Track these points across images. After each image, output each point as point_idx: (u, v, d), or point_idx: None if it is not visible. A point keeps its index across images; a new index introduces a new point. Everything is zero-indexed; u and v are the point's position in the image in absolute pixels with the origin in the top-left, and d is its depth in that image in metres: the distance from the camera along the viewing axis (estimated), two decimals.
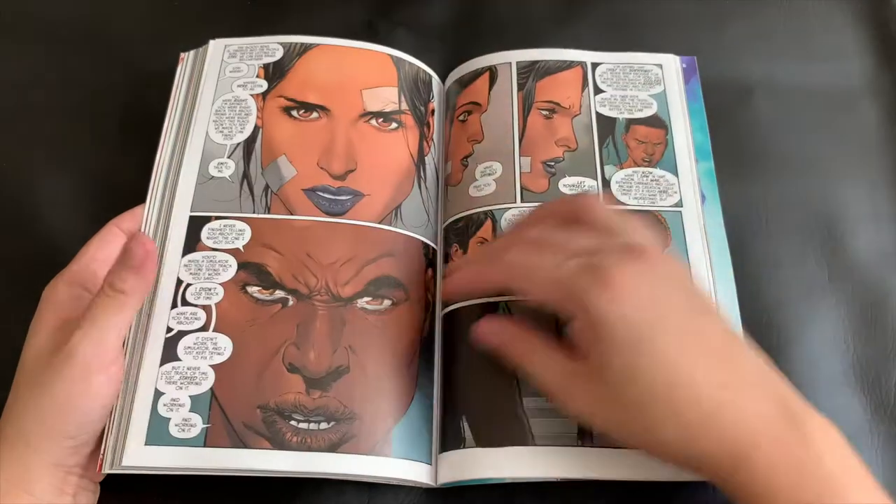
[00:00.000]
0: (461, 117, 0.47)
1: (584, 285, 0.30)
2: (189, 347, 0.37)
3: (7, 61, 0.50)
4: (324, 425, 0.36)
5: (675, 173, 0.44)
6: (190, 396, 0.35)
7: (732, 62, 0.50)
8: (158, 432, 0.34)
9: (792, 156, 0.47)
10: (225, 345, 0.37)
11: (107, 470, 0.34)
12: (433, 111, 0.47)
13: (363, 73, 0.46)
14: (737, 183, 0.45)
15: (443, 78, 0.49)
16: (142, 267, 0.34)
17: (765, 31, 0.52)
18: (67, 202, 0.45)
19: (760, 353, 0.32)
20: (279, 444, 0.35)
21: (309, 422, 0.36)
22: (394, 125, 0.45)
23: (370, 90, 0.45)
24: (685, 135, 0.45)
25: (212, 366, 0.36)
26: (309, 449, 0.35)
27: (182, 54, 0.47)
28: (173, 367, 0.36)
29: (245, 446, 0.35)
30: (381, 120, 0.45)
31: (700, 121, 0.46)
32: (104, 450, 0.34)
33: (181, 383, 0.36)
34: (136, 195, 0.42)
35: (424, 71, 0.48)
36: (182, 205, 0.41)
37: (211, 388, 0.36)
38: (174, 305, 0.38)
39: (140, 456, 0.34)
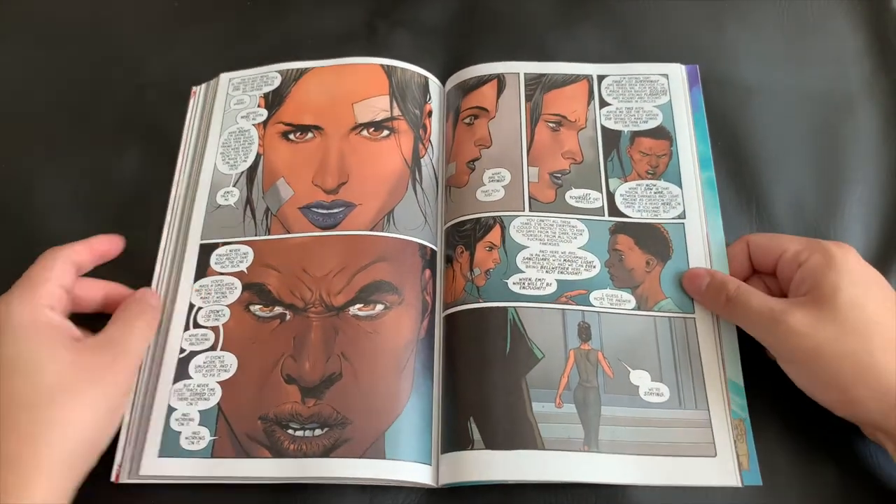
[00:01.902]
0: (467, 120, 0.47)
1: (822, 241, 0.38)
2: (199, 366, 0.40)
3: (7, 61, 0.51)
4: (318, 431, 0.37)
5: (679, 184, 0.44)
6: (199, 411, 0.38)
7: (731, 65, 0.49)
8: (171, 445, 0.38)
9: (790, 158, 0.46)
10: (231, 362, 0.40)
11: (124, 479, 0.37)
12: (430, 113, 0.47)
13: (354, 87, 0.47)
14: (735, 185, 0.45)
15: (442, 77, 0.50)
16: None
17: (764, 35, 0.51)
18: (66, 202, 0.46)
19: None
20: (278, 452, 0.37)
21: (304, 429, 0.37)
22: (385, 132, 0.46)
23: (361, 103, 0.46)
24: (690, 144, 0.45)
25: (219, 382, 0.39)
26: (305, 455, 0.37)
27: (194, 88, 0.50)
28: (185, 385, 0.39)
29: (248, 456, 0.37)
30: (372, 129, 0.46)
31: (702, 130, 0.46)
32: (121, 461, 0.38)
33: (192, 399, 0.39)
34: (134, 195, 0.45)
35: (419, 75, 0.48)
36: (194, 234, 0.44)
37: (218, 403, 0.39)
38: (186, 328, 0.41)
39: (155, 467, 0.37)
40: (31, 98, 0.51)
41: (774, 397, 0.38)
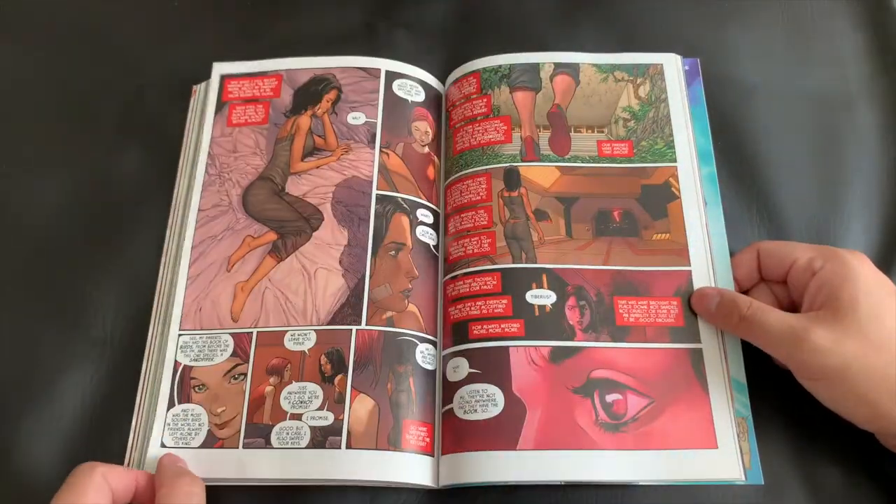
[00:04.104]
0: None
1: (835, 249, 0.37)
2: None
3: (7, 61, 0.51)
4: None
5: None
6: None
7: (732, 64, 0.49)
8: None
9: (790, 158, 0.46)
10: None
11: None
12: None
13: None
14: (735, 183, 0.45)
15: (442, 78, 0.50)
16: None
17: (764, 34, 0.51)
18: (66, 202, 0.46)
19: None
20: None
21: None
22: None
23: None
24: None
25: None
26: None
27: (194, 87, 0.50)
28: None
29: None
30: None
31: (702, 125, 0.45)
32: (129, 463, 0.38)
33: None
34: (135, 195, 0.46)
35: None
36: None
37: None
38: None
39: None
40: (32, 98, 0.51)
41: (777, 397, 0.38)
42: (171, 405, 0.39)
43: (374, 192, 0.44)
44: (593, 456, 0.36)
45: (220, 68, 0.49)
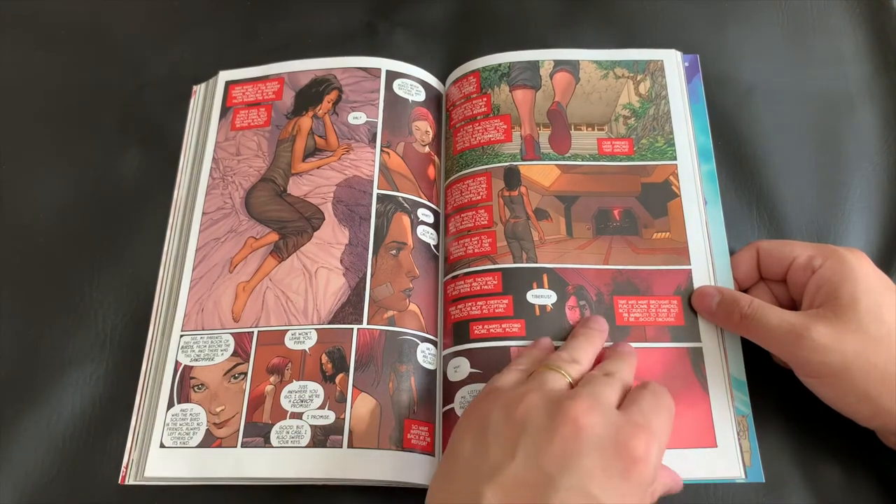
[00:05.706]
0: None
1: (834, 247, 0.37)
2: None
3: (7, 61, 0.52)
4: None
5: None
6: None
7: (731, 64, 0.49)
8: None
9: (790, 157, 0.46)
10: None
11: (130, 481, 0.38)
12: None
13: None
14: (735, 183, 0.45)
15: (442, 77, 0.50)
16: None
17: (764, 34, 0.51)
18: (66, 202, 0.47)
19: None
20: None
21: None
22: None
23: None
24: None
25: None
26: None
27: (194, 87, 0.50)
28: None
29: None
30: None
31: (702, 122, 0.45)
32: (127, 462, 0.38)
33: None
34: (135, 195, 0.46)
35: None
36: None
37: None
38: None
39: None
40: (31, 98, 0.51)
41: (777, 395, 0.39)
42: (170, 405, 0.39)
43: (375, 191, 0.44)
44: None
45: (225, 76, 0.49)
